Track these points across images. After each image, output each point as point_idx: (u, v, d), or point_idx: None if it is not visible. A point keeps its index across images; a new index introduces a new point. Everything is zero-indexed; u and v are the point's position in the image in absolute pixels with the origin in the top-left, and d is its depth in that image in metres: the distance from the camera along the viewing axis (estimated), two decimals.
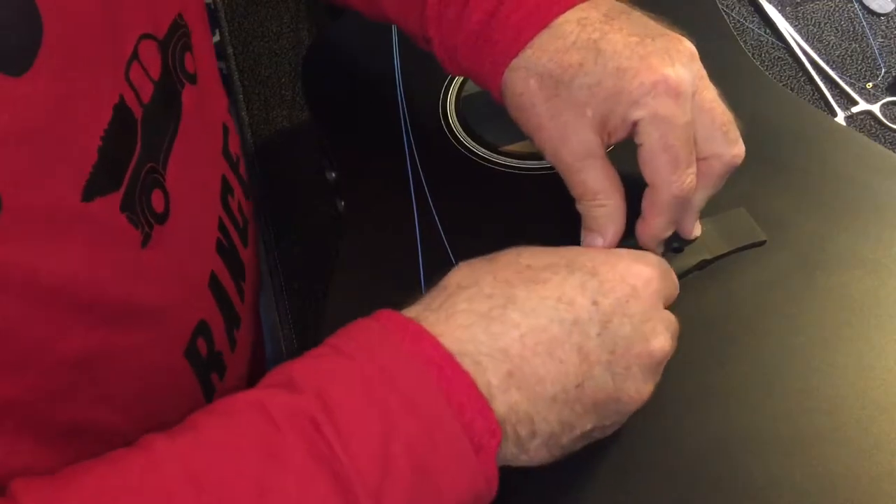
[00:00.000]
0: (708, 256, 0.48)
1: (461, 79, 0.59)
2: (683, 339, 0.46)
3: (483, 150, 0.55)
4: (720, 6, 0.63)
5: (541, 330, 0.36)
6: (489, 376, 0.34)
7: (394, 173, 0.54)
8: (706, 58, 0.45)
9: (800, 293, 0.47)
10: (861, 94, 0.63)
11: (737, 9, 0.68)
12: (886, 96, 0.63)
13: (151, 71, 0.40)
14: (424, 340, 0.35)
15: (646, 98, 0.41)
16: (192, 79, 0.45)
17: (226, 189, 0.50)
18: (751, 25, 0.68)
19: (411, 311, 0.37)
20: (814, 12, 0.68)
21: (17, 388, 0.33)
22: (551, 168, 0.45)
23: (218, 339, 0.47)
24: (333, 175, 0.57)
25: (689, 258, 0.48)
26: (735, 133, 0.44)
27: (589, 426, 0.37)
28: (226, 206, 0.49)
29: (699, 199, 0.45)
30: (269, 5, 0.78)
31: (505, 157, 0.55)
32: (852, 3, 0.68)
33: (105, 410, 0.39)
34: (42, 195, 0.32)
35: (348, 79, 0.62)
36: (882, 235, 0.49)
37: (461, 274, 0.39)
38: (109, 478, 0.31)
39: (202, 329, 0.45)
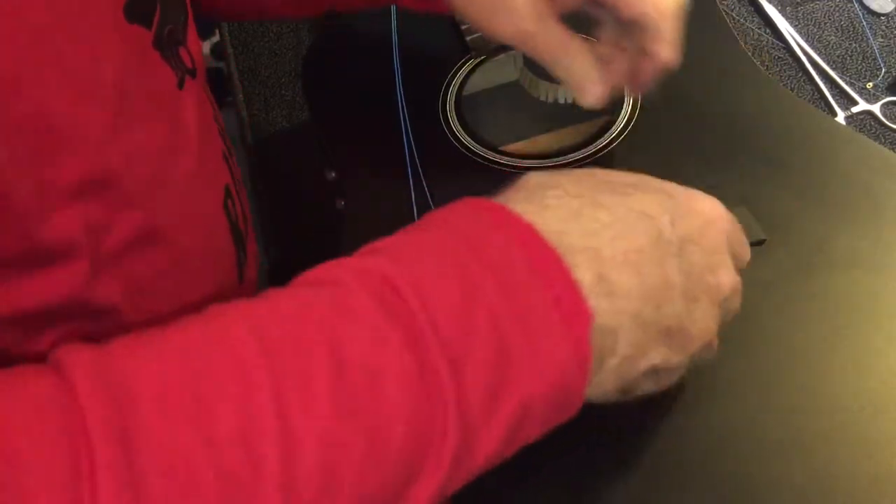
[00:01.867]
0: None
1: (461, 78, 0.59)
2: None
3: (483, 149, 0.55)
4: (720, 6, 0.63)
5: (630, 237, 0.33)
6: (581, 273, 0.31)
7: (394, 173, 0.54)
8: (706, 58, 0.45)
9: (800, 293, 0.47)
10: (861, 94, 0.63)
11: (737, 9, 0.68)
12: (886, 96, 0.63)
13: None
14: (514, 219, 0.32)
15: None
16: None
17: (215, 110, 0.49)
18: (751, 25, 0.67)
19: (497, 200, 0.34)
20: (814, 12, 0.68)
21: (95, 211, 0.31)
22: (552, 168, 0.45)
23: (239, 213, 0.47)
24: (333, 175, 0.57)
25: None
26: None
27: (657, 359, 0.34)
28: (222, 137, 0.49)
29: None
30: None
31: (505, 156, 0.55)
32: (852, 3, 0.68)
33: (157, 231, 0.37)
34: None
35: (348, 79, 0.62)
36: (882, 235, 0.49)
37: (537, 178, 0.36)
38: (171, 339, 0.28)
39: (229, 193, 0.44)
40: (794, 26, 0.67)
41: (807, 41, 0.66)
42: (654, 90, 0.47)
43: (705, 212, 0.37)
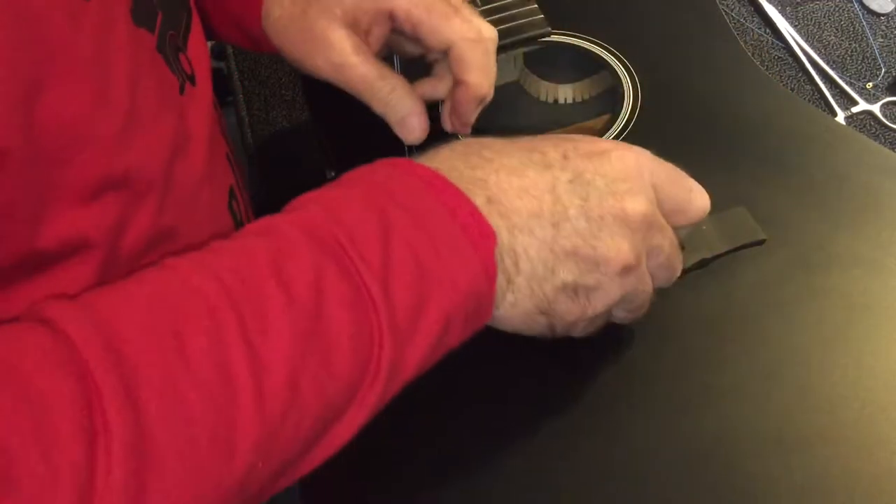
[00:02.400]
0: (708, 255, 0.48)
1: None
2: (683, 338, 0.46)
3: None
4: (720, 6, 0.63)
5: (514, 168, 0.37)
6: (473, 198, 0.36)
7: None
8: (706, 58, 0.45)
9: (800, 293, 0.47)
10: (861, 94, 0.63)
11: (737, 9, 0.68)
12: (886, 96, 0.63)
13: None
14: (421, 167, 0.37)
15: None
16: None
17: (218, 112, 0.51)
18: (751, 25, 0.68)
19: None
20: (814, 12, 0.68)
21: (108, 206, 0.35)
22: None
23: (243, 211, 0.49)
24: (333, 175, 0.57)
25: (689, 257, 0.48)
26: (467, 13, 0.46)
27: (569, 277, 0.37)
28: (225, 139, 0.51)
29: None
30: None
31: None
32: (852, 3, 0.68)
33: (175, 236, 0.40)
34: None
35: None
36: (882, 235, 0.49)
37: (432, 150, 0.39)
38: (135, 290, 0.32)
39: (233, 195, 0.47)
40: (794, 26, 0.67)
41: (807, 41, 0.66)
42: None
43: (610, 151, 0.39)
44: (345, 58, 0.45)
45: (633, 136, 0.54)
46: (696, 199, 0.41)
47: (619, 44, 0.58)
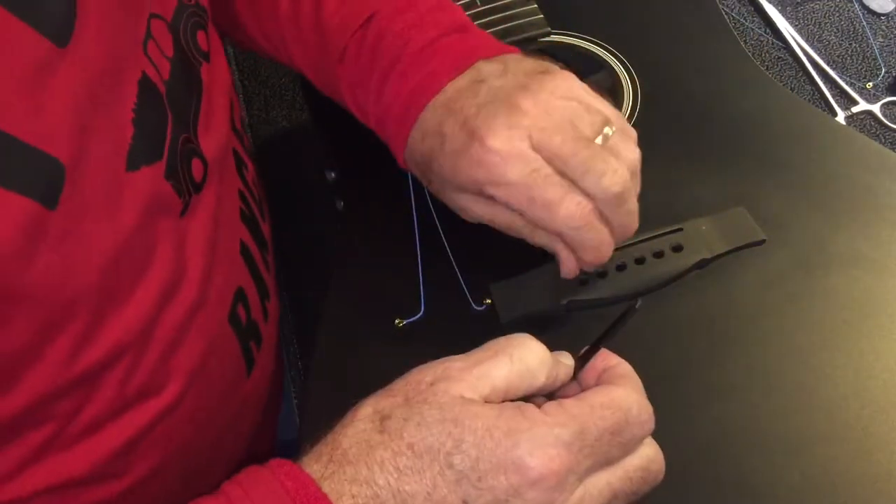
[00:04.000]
0: (707, 256, 0.48)
1: None
2: (683, 339, 0.46)
3: None
4: (720, 6, 0.63)
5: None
6: None
7: (394, 173, 0.54)
8: (706, 58, 0.45)
9: (800, 293, 0.47)
10: (861, 94, 0.63)
11: (737, 9, 0.68)
12: (886, 96, 0.63)
13: (165, 49, 0.41)
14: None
15: (479, 173, 0.42)
16: (207, 57, 0.46)
17: (239, 162, 0.51)
18: (751, 25, 0.67)
19: (311, 470, 0.35)
20: (814, 12, 0.68)
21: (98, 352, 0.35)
22: None
23: (253, 307, 0.48)
24: (333, 175, 0.57)
25: (689, 257, 0.48)
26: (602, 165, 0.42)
27: None
28: (242, 178, 0.51)
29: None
30: None
31: None
32: (852, 3, 0.68)
33: (170, 379, 0.41)
34: (93, 163, 0.34)
35: None
36: (882, 235, 0.49)
37: (353, 437, 0.35)
38: None
39: (240, 296, 0.47)
40: (794, 26, 0.67)
41: (807, 41, 0.66)
42: None
43: (521, 475, 0.33)
44: (480, 216, 0.45)
45: None
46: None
47: (619, 44, 0.58)
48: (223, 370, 0.45)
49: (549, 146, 0.41)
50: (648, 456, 0.36)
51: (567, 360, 0.38)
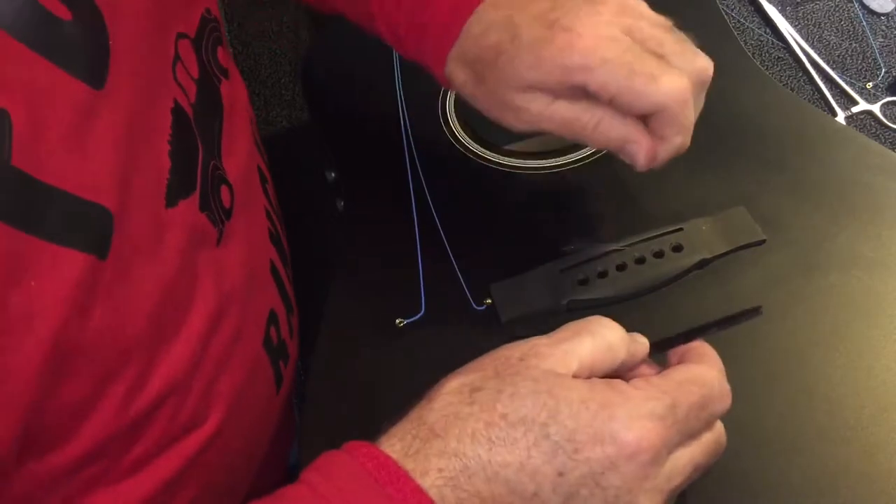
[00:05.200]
0: (707, 255, 0.48)
1: None
2: None
3: (483, 149, 0.55)
4: (720, 6, 0.62)
5: (502, 498, 0.33)
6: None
7: (394, 173, 0.54)
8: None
9: (800, 293, 0.47)
10: (861, 94, 0.63)
11: (737, 9, 0.68)
12: (886, 96, 0.63)
13: (191, 70, 0.41)
14: (406, 485, 0.33)
15: (569, 59, 0.40)
16: (226, 73, 0.46)
17: (262, 179, 0.51)
18: (751, 25, 0.67)
19: (392, 450, 0.34)
20: (814, 12, 0.68)
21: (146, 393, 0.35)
22: (551, 167, 0.45)
23: (283, 326, 0.48)
24: (333, 175, 0.57)
25: (689, 257, 0.48)
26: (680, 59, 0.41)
27: None
28: (266, 195, 0.51)
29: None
30: (269, 6, 0.78)
31: (505, 156, 0.55)
32: (852, 3, 0.68)
33: (212, 410, 0.40)
34: (137, 205, 0.34)
35: (348, 79, 0.62)
36: (882, 235, 0.49)
37: (440, 410, 0.35)
38: None
39: (272, 319, 0.47)
40: (794, 26, 0.67)
41: (807, 41, 0.66)
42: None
43: (617, 447, 0.33)
44: (536, 117, 0.42)
45: None
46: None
47: None
48: (258, 393, 0.45)
49: (639, 30, 0.40)
50: (720, 430, 0.37)
51: (641, 339, 0.39)
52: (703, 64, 0.42)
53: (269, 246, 0.48)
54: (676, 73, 0.40)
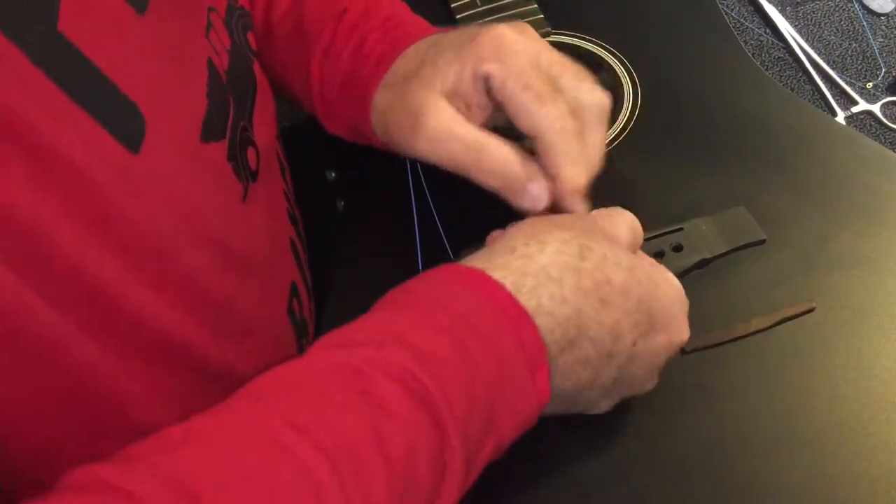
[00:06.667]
0: (708, 255, 0.48)
1: None
2: None
3: None
4: (720, 6, 0.63)
5: (587, 350, 0.36)
6: (548, 340, 0.35)
7: (394, 173, 0.54)
8: (706, 58, 0.45)
9: (800, 293, 0.47)
10: (861, 94, 0.63)
11: (737, 9, 0.68)
12: (886, 96, 0.63)
13: (224, 39, 0.42)
14: (493, 288, 0.35)
15: (485, 51, 0.41)
16: (257, 56, 0.47)
17: (281, 166, 0.51)
18: (751, 25, 0.68)
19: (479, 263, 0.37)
20: (814, 12, 0.68)
21: (175, 321, 0.35)
22: None
23: (304, 303, 0.49)
24: (333, 175, 0.57)
25: (689, 257, 0.48)
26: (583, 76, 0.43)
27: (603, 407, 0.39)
28: (285, 180, 0.51)
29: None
30: None
31: None
32: (852, 3, 0.68)
33: (241, 357, 0.40)
34: (171, 122, 0.34)
35: None
36: (882, 235, 0.49)
37: (552, 256, 0.36)
38: (223, 458, 0.29)
39: (294, 290, 0.47)
40: (794, 26, 0.67)
41: (807, 41, 0.66)
42: None
43: (672, 332, 0.39)
44: (442, 127, 0.41)
45: (632, 136, 0.54)
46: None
47: (619, 44, 0.58)
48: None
49: (547, 57, 0.42)
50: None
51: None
52: (599, 98, 0.42)
53: (289, 225, 0.49)
54: (562, 104, 0.41)
